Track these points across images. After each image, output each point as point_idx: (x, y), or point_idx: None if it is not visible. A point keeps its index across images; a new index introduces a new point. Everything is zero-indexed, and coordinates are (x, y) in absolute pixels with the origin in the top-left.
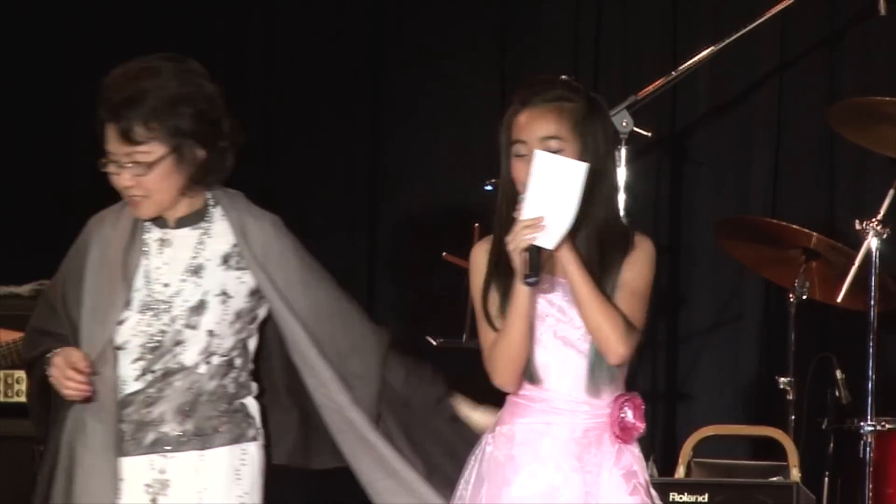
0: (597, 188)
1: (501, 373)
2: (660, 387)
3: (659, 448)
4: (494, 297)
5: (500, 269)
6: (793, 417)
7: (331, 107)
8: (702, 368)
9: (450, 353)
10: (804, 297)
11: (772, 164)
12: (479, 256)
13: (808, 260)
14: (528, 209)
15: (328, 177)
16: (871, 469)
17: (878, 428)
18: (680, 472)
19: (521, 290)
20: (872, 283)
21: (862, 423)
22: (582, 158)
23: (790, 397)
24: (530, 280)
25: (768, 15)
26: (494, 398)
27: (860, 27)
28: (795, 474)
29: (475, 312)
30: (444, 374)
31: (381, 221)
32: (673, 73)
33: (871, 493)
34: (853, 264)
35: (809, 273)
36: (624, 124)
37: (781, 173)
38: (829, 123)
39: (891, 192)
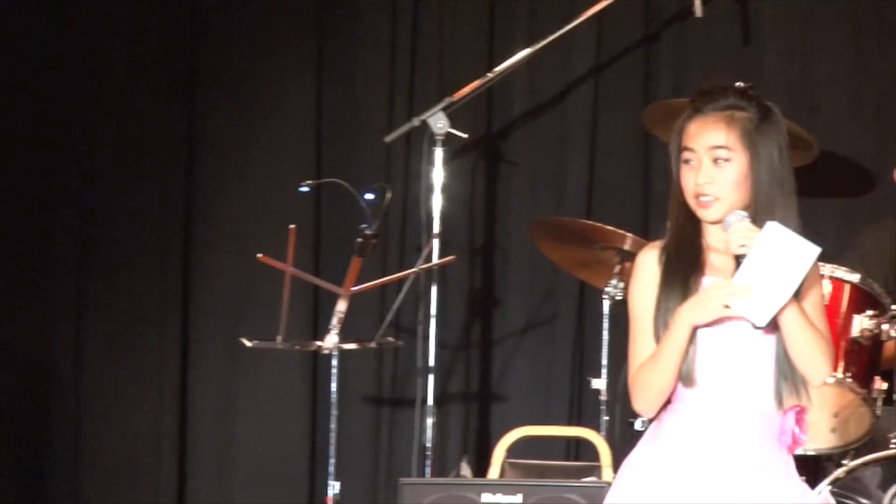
0: (777, 195)
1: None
2: (473, 388)
3: (472, 449)
4: (664, 311)
5: (670, 283)
6: (606, 418)
7: (145, 106)
8: (516, 369)
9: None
10: (618, 297)
11: (587, 166)
12: (649, 263)
13: (622, 261)
14: (744, 275)
15: (143, 177)
16: None
17: None
18: (493, 473)
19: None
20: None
21: None
22: (753, 168)
23: (604, 398)
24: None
25: (584, 17)
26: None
27: (675, 29)
28: (608, 474)
29: (632, 321)
30: None
31: (197, 222)
32: (489, 74)
33: None
34: None
35: (624, 274)
36: (440, 126)
37: (596, 174)
38: (643, 124)
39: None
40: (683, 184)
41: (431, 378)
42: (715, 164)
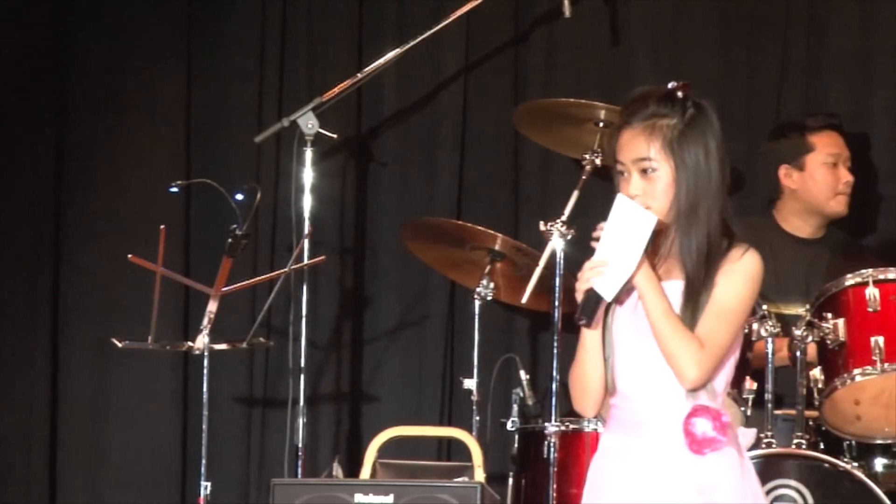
0: (698, 203)
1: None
2: (345, 388)
3: (344, 449)
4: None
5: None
6: (477, 418)
7: (13, 105)
8: (387, 370)
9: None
10: (489, 298)
11: (457, 166)
12: None
13: (493, 261)
14: (599, 251)
15: (12, 177)
16: (555, 469)
17: (562, 428)
18: (365, 473)
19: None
20: (557, 284)
21: (546, 424)
22: (677, 177)
23: (475, 398)
24: (581, 321)
25: (453, 17)
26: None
27: (544, 29)
28: (480, 474)
29: None
30: None
31: (67, 223)
32: (358, 74)
33: (555, 493)
34: (537, 265)
35: (494, 274)
36: (309, 126)
37: (467, 175)
38: (513, 124)
39: (575, 193)
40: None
41: (303, 378)
42: (643, 175)
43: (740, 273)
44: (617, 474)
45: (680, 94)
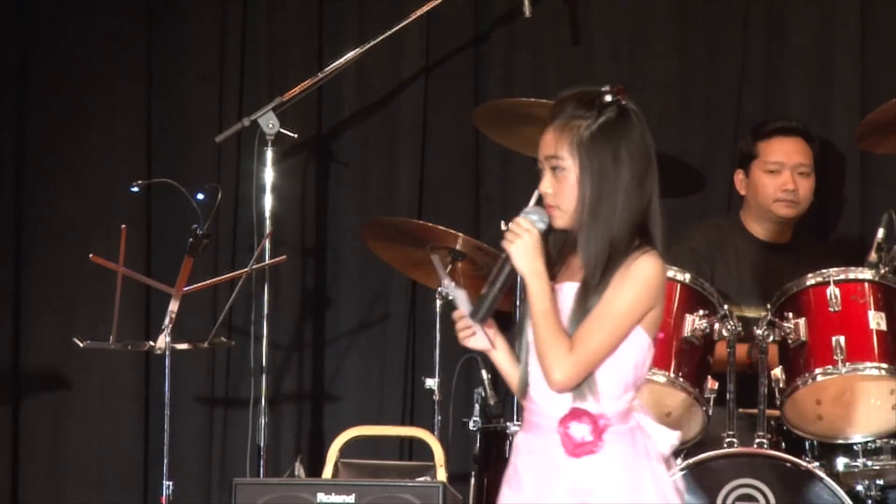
0: (601, 206)
1: None
2: (306, 387)
3: (306, 449)
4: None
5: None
6: (439, 418)
7: None
8: (349, 369)
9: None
10: (450, 297)
11: (417, 165)
12: None
13: (454, 260)
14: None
15: None
16: None
17: None
18: (327, 473)
19: None
20: (518, 284)
21: (508, 423)
22: (581, 178)
23: (437, 398)
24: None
25: (413, 17)
26: None
27: (505, 28)
28: (442, 474)
29: None
30: None
31: (28, 222)
32: (319, 74)
33: None
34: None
35: (455, 274)
36: (270, 126)
37: (427, 174)
38: (474, 124)
39: (536, 193)
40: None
41: (264, 378)
42: (553, 173)
43: (629, 277)
44: (524, 473)
45: (609, 97)
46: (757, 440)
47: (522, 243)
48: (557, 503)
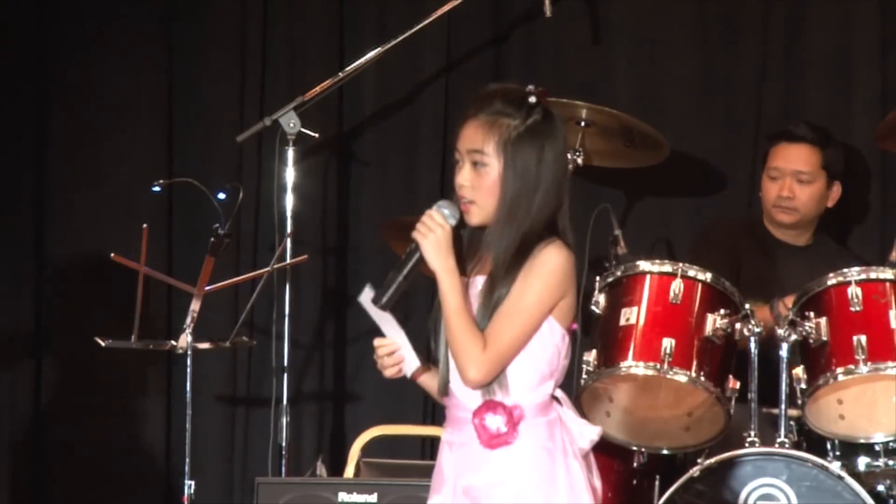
0: (519, 205)
1: None
2: (328, 387)
3: (328, 448)
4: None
5: None
6: None
7: None
8: (370, 368)
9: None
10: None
11: (438, 165)
12: None
13: None
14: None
15: None
16: None
17: None
18: (349, 472)
19: None
20: None
21: None
22: (505, 175)
23: None
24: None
25: (434, 16)
26: None
27: (525, 28)
28: None
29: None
30: None
31: (49, 222)
32: (340, 73)
33: None
34: None
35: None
36: (291, 125)
37: (448, 173)
38: None
39: None
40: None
41: (286, 377)
42: (474, 167)
43: (535, 269)
44: (447, 468)
45: (533, 98)
46: (778, 440)
47: (435, 238)
48: (469, 496)
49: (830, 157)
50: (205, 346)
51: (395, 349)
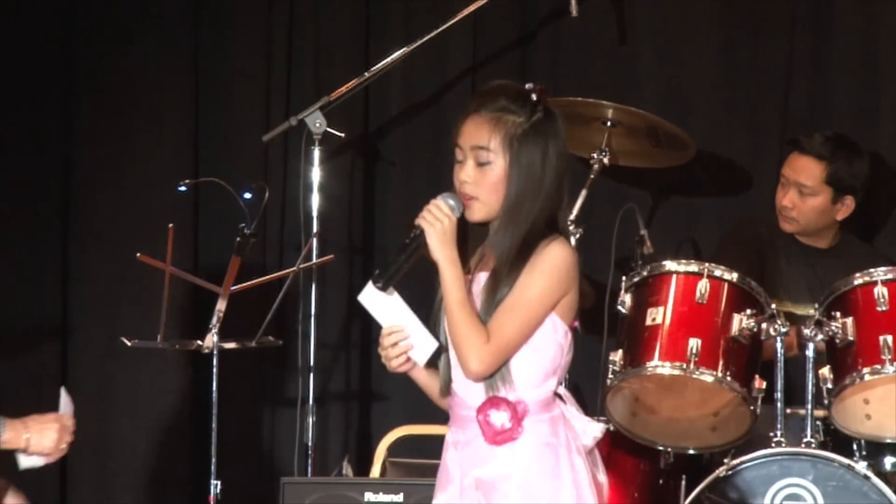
0: (524, 203)
1: None
2: (354, 386)
3: (354, 448)
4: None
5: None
6: None
7: (20, 104)
8: None
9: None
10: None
11: None
12: None
13: None
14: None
15: (18, 176)
16: None
17: None
18: (375, 472)
19: None
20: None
21: None
22: (510, 172)
23: None
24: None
25: (461, 16)
26: None
27: (551, 28)
28: None
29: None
30: None
31: (75, 222)
32: (366, 73)
33: None
34: None
35: None
36: (317, 125)
37: None
38: None
39: (583, 193)
40: (454, 180)
41: (312, 377)
42: (478, 163)
43: (540, 265)
44: (452, 466)
45: (534, 96)
46: (805, 440)
47: (442, 228)
48: (478, 494)
49: (838, 173)
50: (231, 345)
51: (403, 338)
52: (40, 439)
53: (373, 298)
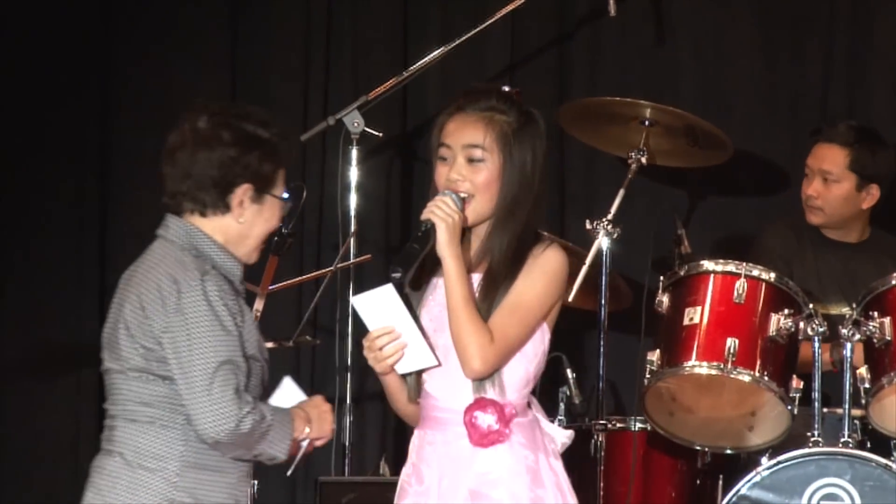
0: (519, 202)
1: None
2: None
3: (391, 447)
4: None
5: (417, 283)
6: None
7: (59, 103)
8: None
9: None
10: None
11: None
12: None
13: None
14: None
15: (57, 174)
16: (603, 467)
17: (609, 427)
18: None
19: None
20: (603, 283)
21: (593, 422)
22: (504, 171)
23: None
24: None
25: (498, 15)
26: None
27: (589, 27)
28: None
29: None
30: None
31: (112, 223)
32: (404, 73)
33: (602, 492)
34: (584, 264)
35: None
36: (355, 125)
37: None
38: (558, 123)
39: (620, 192)
40: (437, 180)
41: (349, 377)
42: (469, 162)
43: (538, 268)
44: (424, 467)
45: (516, 98)
46: (842, 440)
47: (453, 223)
48: (462, 496)
49: (862, 159)
50: (268, 345)
51: (395, 337)
52: (321, 424)
53: (365, 304)
